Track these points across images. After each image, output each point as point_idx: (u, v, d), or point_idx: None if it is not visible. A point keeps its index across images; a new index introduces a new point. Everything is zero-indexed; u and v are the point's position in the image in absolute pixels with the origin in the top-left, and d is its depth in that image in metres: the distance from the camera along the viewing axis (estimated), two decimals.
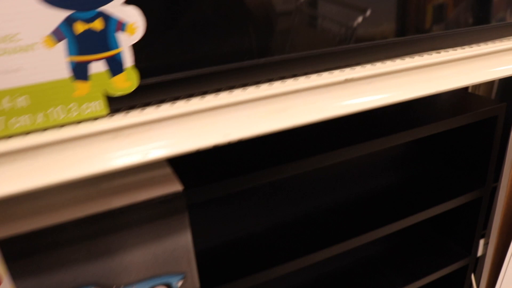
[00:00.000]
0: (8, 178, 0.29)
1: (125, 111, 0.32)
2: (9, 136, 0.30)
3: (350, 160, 0.70)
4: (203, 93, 0.34)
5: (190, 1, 0.33)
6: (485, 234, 0.76)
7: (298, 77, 0.36)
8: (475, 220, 0.72)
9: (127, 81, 0.31)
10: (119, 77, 0.31)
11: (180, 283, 0.46)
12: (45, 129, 0.30)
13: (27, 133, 0.30)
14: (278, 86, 0.35)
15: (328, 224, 0.61)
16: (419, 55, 0.43)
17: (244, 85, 0.35)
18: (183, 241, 0.45)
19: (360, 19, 0.41)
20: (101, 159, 0.31)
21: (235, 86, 0.35)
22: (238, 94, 0.34)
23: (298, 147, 0.52)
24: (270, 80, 0.36)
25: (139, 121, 0.32)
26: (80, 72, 0.30)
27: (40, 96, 0.30)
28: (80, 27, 0.29)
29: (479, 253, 0.78)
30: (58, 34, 0.28)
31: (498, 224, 0.73)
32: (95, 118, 0.31)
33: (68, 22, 0.28)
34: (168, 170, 0.46)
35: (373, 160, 0.75)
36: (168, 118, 0.32)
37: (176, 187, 0.42)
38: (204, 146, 0.32)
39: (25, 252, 0.38)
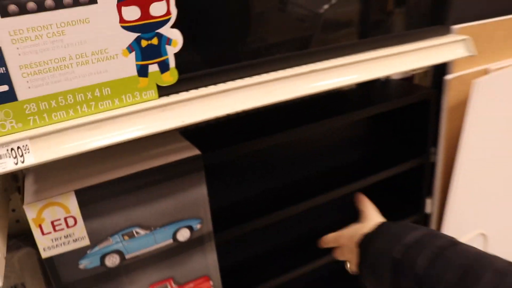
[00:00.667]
0: (99, 137, 0.47)
1: (168, 95, 0.50)
2: (98, 113, 0.47)
3: (320, 135, 0.89)
4: (216, 83, 0.53)
5: (206, 30, 0.51)
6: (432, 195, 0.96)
7: (278, 71, 0.55)
8: (420, 182, 0.91)
9: (171, 77, 0.49)
10: (166, 74, 0.49)
11: (198, 226, 0.64)
12: (119, 108, 0.48)
13: (108, 110, 0.48)
14: (266, 77, 0.53)
15: (302, 187, 0.79)
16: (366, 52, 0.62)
17: (241, 77, 0.54)
18: (200, 194, 0.62)
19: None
20: (154, 124, 0.48)
21: (235, 78, 0.53)
22: (238, 82, 0.52)
23: (280, 123, 0.71)
24: (259, 73, 0.54)
25: (176, 100, 0.49)
26: (142, 71, 0.48)
27: (118, 87, 0.47)
28: (144, 43, 0.47)
29: (428, 210, 0.97)
30: (130, 48, 0.46)
31: (439, 185, 0.93)
32: (152, 100, 0.49)
33: (137, 40, 0.46)
34: (187, 143, 0.64)
35: (338, 135, 0.94)
36: (195, 98, 0.50)
37: (195, 152, 0.60)
38: (219, 115, 0.51)
39: (93, 199, 0.56)
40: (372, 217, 0.58)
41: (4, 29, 0.40)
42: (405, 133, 0.91)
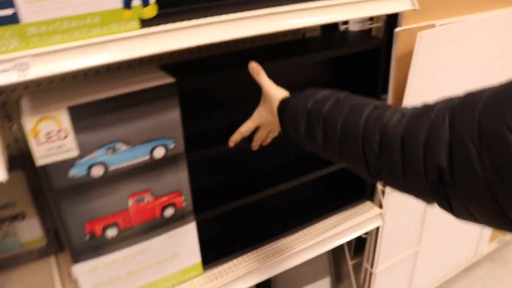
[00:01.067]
0: (89, 58, 0.56)
1: (150, 26, 0.59)
2: (89, 38, 0.56)
3: (284, 75, 0.99)
4: (190, 19, 0.62)
5: None
6: None
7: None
8: None
9: (151, 11, 0.58)
10: (147, 8, 0.58)
11: (172, 145, 0.74)
12: (106, 35, 0.57)
13: (97, 36, 0.57)
14: (234, 15, 0.63)
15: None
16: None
17: (212, 15, 0.63)
18: (174, 117, 0.72)
19: None
20: (136, 50, 0.58)
21: (207, 16, 0.63)
22: (209, 19, 0.62)
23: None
24: (229, 12, 0.64)
25: (155, 31, 0.59)
26: (127, 4, 0.56)
27: (106, 17, 0.56)
28: None
29: None
30: None
31: None
32: (134, 30, 0.58)
33: None
34: (164, 74, 0.73)
35: (300, 77, 1.04)
36: (171, 30, 0.60)
37: (170, 80, 0.70)
38: (191, 45, 0.60)
39: (82, 115, 0.65)
40: (274, 92, 0.71)
41: None
42: (359, 79, 1.02)
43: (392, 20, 0.97)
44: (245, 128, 0.78)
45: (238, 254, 0.95)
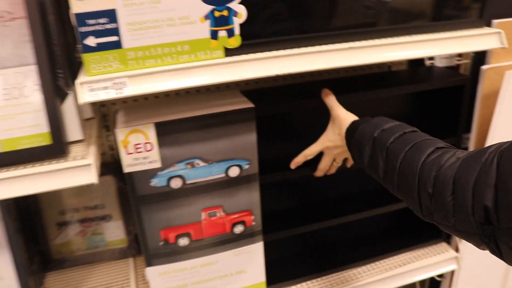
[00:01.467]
0: (177, 81, 0.62)
1: (233, 55, 0.64)
2: (178, 63, 0.62)
3: (367, 105, 1.00)
4: (271, 50, 0.66)
5: (266, 8, 0.65)
6: None
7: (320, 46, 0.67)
8: None
9: (235, 41, 0.63)
10: (232, 39, 0.63)
11: (247, 166, 0.78)
12: (194, 61, 0.63)
13: (186, 62, 0.63)
14: (309, 49, 0.66)
15: None
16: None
17: (291, 47, 0.67)
18: (251, 139, 0.76)
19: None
20: (220, 76, 0.63)
21: (286, 48, 0.67)
22: (288, 51, 0.65)
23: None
24: (306, 46, 0.67)
25: (238, 59, 0.63)
26: (214, 35, 0.62)
27: (194, 45, 0.62)
28: (217, 13, 0.61)
29: None
30: (206, 17, 0.61)
31: None
32: (219, 58, 0.64)
33: (212, 11, 0.60)
34: (245, 99, 0.78)
35: (383, 109, 1.03)
36: (253, 60, 0.64)
37: (249, 104, 0.75)
38: (269, 75, 0.64)
39: (167, 131, 0.71)
40: (344, 115, 0.74)
41: None
42: (442, 116, 0.99)
43: (480, 57, 0.94)
44: (310, 151, 0.80)
45: (303, 279, 0.95)
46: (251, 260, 0.86)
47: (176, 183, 0.75)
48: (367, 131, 0.66)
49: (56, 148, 0.65)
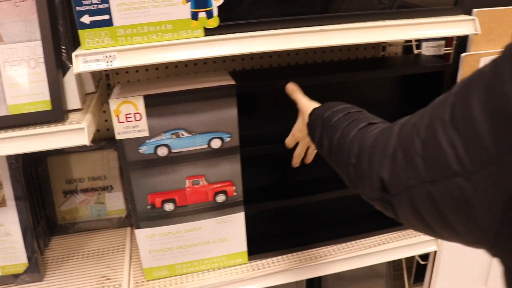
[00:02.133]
0: (162, 55, 0.70)
1: (212, 35, 0.72)
2: (163, 40, 0.70)
3: (354, 88, 1.06)
4: (246, 31, 0.73)
5: None
6: None
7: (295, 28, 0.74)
8: None
9: (214, 22, 0.71)
10: (211, 20, 0.71)
11: (228, 139, 0.86)
12: (176, 39, 0.71)
13: (169, 40, 0.70)
14: (286, 30, 0.73)
15: None
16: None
17: (265, 29, 0.74)
18: (232, 114, 0.84)
19: None
20: (200, 53, 0.71)
21: (260, 29, 0.74)
22: (262, 32, 0.72)
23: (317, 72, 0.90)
24: (282, 27, 0.74)
25: (216, 38, 0.71)
26: (194, 16, 0.70)
27: (177, 25, 0.70)
28: None
29: None
30: None
31: None
32: (199, 37, 0.71)
33: None
34: (229, 77, 0.86)
35: (370, 93, 1.09)
36: (230, 39, 0.71)
37: (231, 82, 0.82)
38: (244, 52, 0.71)
39: (154, 103, 0.79)
40: (307, 104, 0.78)
41: None
42: (426, 100, 1.04)
43: (462, 45, 0.99)
44: (287, 143, 0.85)
45: (283, 252, 1.02)
46: (233, 229, 0.94)
47: (162, 151, 0.83)
48: (319, 113, 0.70)
49: (55, 114, 0.74)
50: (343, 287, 1.28)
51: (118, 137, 0.80)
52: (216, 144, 0.85)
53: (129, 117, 0.79)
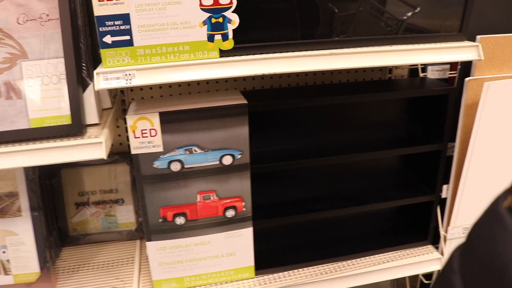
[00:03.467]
0: (178, 75, 0.73)
1: (227, 56, 0.75)
2: (180, 60, 0.74)
3: (357, 108, 1.08)
4: (259, 53, 0.77)
5: (256, 15, 0.76)
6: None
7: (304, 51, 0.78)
8: (437, 167, 1.07)
9: (229, 44, 0.75)
10: (226, 42, 0.74)
11: (239, 156, 0.89)
12: (192, 60, 0.74)
13: (186, 60, 0.74)
14: (295, 53, 0.77)
15: (331, 147, 1.01)
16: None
17: (277, 51, 0.77)
18: (243, 132, 0.87)
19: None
20: (215, 73, 0.74)
21: (273, 52, 0.77)
22: (273, 55, 0.76)
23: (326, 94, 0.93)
24: (293, 51, 0.78)
25: (231, 60, 0.74)
26: (211, 38, 0.73)
27: (194, 46, 0.74)
28: (213, 20, 0.72)
29: (444, 195, 1.12)
30: (204, 22, 0.72)
31: (454, 174, 1.08)
32: (214, 58, 0.75)
33: (209, 18, 0.72)
34: (241, 96, 0.89)
35: (375, 113, 1.12)
36: (244, 60, 0.75)
37: (243, 101, 0.85)
38: (257, 74, 0.75)
39: (170, 120, 0.82)
40: None
41: (132, 4, 0.68)
42: (431, 124, 1.07)
43: (466, 70, 1.02)
44: None
45: (289, 267, 1.04)
46: (241, 243, 0.96)
47: (175, 167, 0.86)
48: None
49: (74, 128, 0.78)
50: None
51: (133, 151, 0.83)
52: (227, 160, 0.88)
53: (145, 133, 0.82)
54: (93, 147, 0.75)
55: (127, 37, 0.71)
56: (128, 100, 1.10)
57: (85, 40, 0.82)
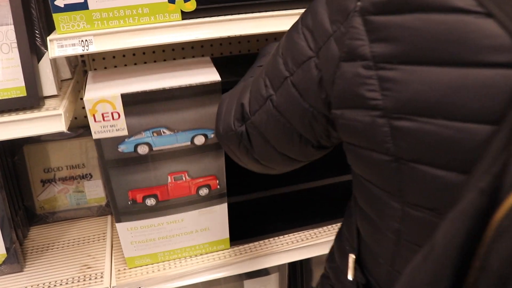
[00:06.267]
0: (138, 39, 0.69)
1: (189, 19, 0.71)
2: (139, 24, 0.69)
3: None
4: (222, 14, 0.73)
5: None
6: None
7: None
8: None
9: (191, 5, 0.70)
10: (188, 3, 0.70)
11: (212, 135, 0.83)
12: (153, 23, 0.70)
13: (146, 24, 0.69)
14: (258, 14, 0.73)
15: None
16: None
17: (240, 13, 0.73)
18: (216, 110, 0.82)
19: None
20: (177, 36, 0.70)
21: (235, 13, 0.73)
22: (237, 16, 0.72)
23: None
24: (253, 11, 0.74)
25: (194, 22, 0.70)
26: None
27: (154, 8, 0.69)
28: None
29: None
30: None
31: None
32: (176, 21, 0.70)
33: None
34: (214, 69, 0.81)
35: None
36: (206, 22, 0.71)
37: (217, 77, 0.79)
38: (220, 36, 0.71)
39: (133, 102, 0.75)
40: None
41: None
42: None
43: None
44: None
45: (265, 237, 1.03)
46: (215, 219, 0.93)
47: (143, 150, 0.80)
48: None
49: (30, 100, 0.73)
50: None
51: (94, 136, 0.76)
52: (199, 141, 0.83)
53: (106, 116, 0.75)
54: (51, 119, 0.71)
55: (82, 0, 0.66)
56: (90, 69, 1.05)
57: (38, 5, 0.77)
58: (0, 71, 0.73)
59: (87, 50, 0.68)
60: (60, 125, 0.71)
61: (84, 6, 0.67)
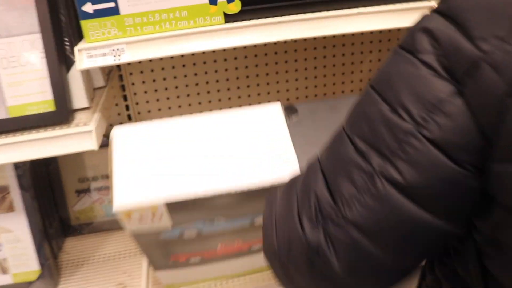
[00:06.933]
0: (176, 47, 0.61)
1: (233, 22, 0.62)
2: (177, 29, 0.61)
3: None
4: (270, 16, 0.63)
5: None
6: None
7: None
8: None
9: (235, 7, 0.61)
10: (232, 4, 0.61)
11: None
12: (192, 28, 0.61)
13: (184, 29, 0.61)
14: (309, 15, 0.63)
15: None
16: None
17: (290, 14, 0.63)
18: None
19: None
20: (220, 42, 0.61)
21: (285, 14, 0.63)
22: (287, 18, 0.62)
23: None
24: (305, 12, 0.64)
25: (240, 25, 0.61)
26: (213, 0, 0.60)
27: (193, 11, 0.61)
28: None
29: None
30: None
31: None
32: (218, 24, 0.62)
33: None
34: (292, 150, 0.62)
35: None
36: (253, 26, 0.62)
37: (296, 166, 0.72)
38: (270, 41, 0.62)
39: (181, 207, 0.59)
40: None
41: None
42: None
43: None
44: None
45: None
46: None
47: (190, 235, 0.67)
48: None
49: (59, 115, 0.66)
50: None
51: (130, 235, 0.64)
52: (260, 221, 0.62)
53: (145, 219, 0.60)
54: (81, 137, 0.64)
55: (112, 4, 0.59)
56: (126, 75, 0.98)
57: (67, 11, 0.70)
58: (28, 84, 0.67)
59: (119, 60, 0.60)
60: (90, 143, 0.64)
61: (115, 11, 0.59)
